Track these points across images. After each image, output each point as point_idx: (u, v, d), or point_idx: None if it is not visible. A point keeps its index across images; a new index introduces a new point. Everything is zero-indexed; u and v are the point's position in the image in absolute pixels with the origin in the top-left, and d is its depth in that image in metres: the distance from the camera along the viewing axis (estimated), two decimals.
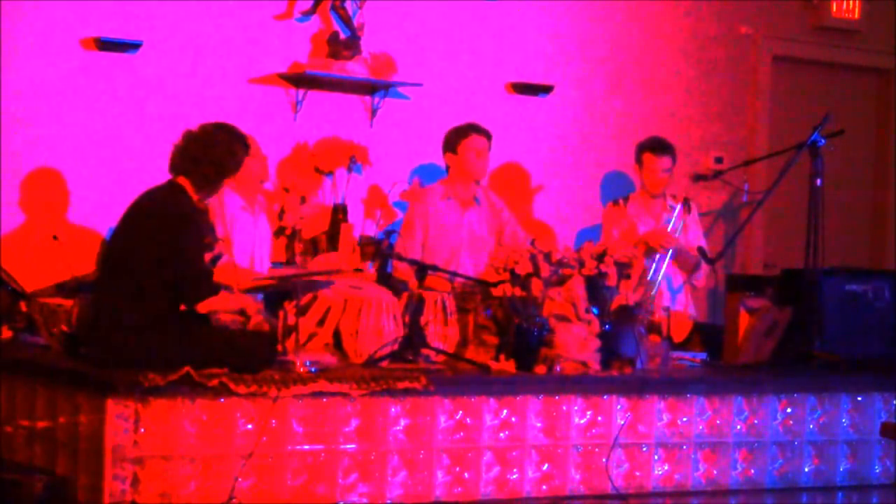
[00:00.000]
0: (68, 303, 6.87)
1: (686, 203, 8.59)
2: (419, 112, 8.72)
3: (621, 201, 8.56)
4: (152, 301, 6.29)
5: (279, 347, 6.61)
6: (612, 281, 7.23)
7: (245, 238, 7.40)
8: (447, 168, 8.14)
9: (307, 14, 8.39)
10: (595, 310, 7.17)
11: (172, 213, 6.44)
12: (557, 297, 7.12)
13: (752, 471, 7.35)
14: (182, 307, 6.41)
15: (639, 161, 8.54)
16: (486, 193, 8.27)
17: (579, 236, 9.00)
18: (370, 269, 7.61)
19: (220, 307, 6.52)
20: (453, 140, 8.08)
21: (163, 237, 6.35)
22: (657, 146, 8.53)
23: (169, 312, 6.34)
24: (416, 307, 7.09)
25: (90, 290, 6.75)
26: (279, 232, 7.87)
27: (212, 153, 6.57)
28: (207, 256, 6.79)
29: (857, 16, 10.06)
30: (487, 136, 8.10)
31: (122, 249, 6.48)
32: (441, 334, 7.18)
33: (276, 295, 7.10)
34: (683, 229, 8.50)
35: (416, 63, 8.68)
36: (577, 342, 7.08)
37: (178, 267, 6.33)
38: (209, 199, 7.34)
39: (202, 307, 6.41)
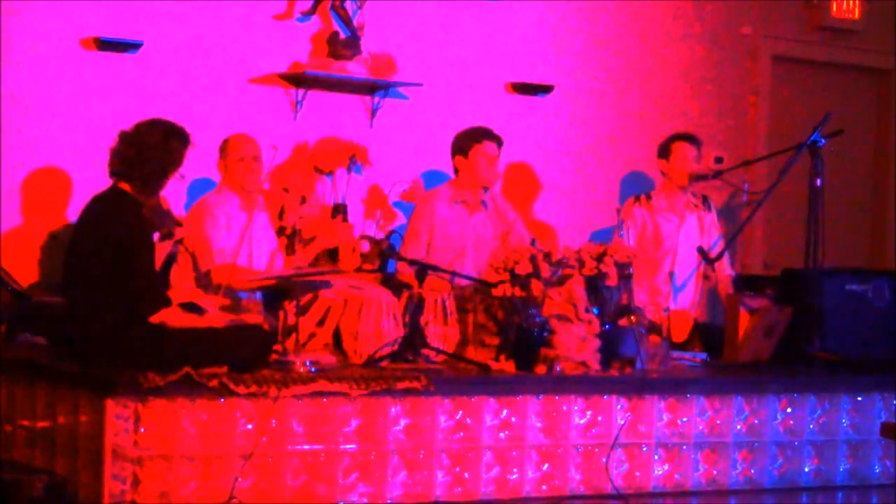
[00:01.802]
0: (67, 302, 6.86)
1: (706, 202, 8.61)
2: (419, 112, 8.72)
3: (643, 197, 8.56)
4: (116, 309, 6.24)
5: (278, 347, 6.61)
6: (612, 281, 7.24)
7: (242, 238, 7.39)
8: (456, 171, 8.11)
9: (307, 14, 8.39)
10: (595, 310, 7.18)
11: (115, 227, 6.31)
12: (557, 297, 7.12)
13: (752, 471, 7.35)
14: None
15: (665, 153, 8.51)
16: (493, 197, 8.24)
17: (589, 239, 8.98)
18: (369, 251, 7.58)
19: (173, 319, 6.35)
20: (465, 144, 8.03)
21: (108, 252, 6.27)
22: (688, 136, 8.59)
23: (136, 318, 6.27)
24: (416, 307, 7.09)
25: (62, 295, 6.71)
26: (279, 232, 7.87)
27: (148, 154, 6.41)
28: (168, 243, 6.69)
29: (857, 16, 10.06)
30: (499, 142, 8.06)
31: (75, 261, 6.43)
32: (441, 334, 7.18)
33: (276, 295, 7.10)
34: (702, 229, 8.52)
35: (416, 63, 8.68)
36: (577, 342, 7.08)
37: (126, 281, 6.25)
38: (209, 199, 7.36)
39: (154, 319, 6.29)
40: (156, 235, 6.81)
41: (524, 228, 8.29)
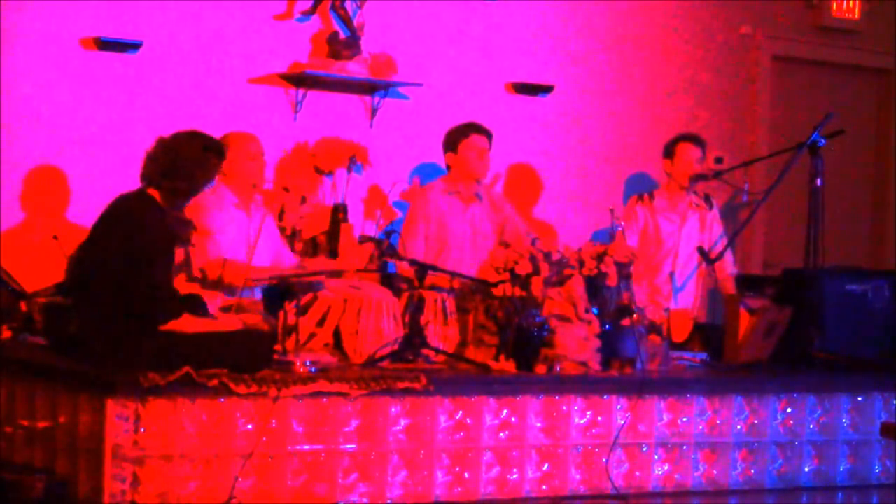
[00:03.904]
0: (68, 303, 6.86)
1: (708, 199, 8.63)
2: (419, 112, 8.73)
3: (646, 196, 8.58)
4: (127, 315, 6.24)
5: (278, 347, 6.61)
6: (612, 281, 7.24)
7: (239, 236, 7.38)
8: (448, 168, 8.15)
9: (307, 14, 8.39)
10: (595, 310, 7.18)
11: (139, 232, 6.29)
12: (557, 297, 7.12)
13: (752, 471, 7.35)
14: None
15: (670, 153, 8.55)
16: (487, 190, 8.28)
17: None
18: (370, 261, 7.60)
19: (183, 326, 6.33)
20: (454, 139, 8.09)
21: (127, 256, 6.24)
22: (693, 137, 8.63)
23: (147, 326, 6.27)
24: (416, 307, 7.09)
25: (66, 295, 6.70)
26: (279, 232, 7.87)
27: (182, 165, 6.38)
28: (181, 250, 6.67)
29: (857, 16, 10.07)
30: (488, 135, 8.12)
31: (91, 260, 6.41)
32: (441, 334, 7.18)
33: (276, 295, 7.10)
34: (704, 226, 8.53)
35: (416, 63, 8.68)
36: (577, 342, 7.08)
37: (141, 288, 6.23)
38: (206, 197, 7.35)
39: (165, 327, 6.28)
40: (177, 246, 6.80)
41: (521, 221, 8.30)
